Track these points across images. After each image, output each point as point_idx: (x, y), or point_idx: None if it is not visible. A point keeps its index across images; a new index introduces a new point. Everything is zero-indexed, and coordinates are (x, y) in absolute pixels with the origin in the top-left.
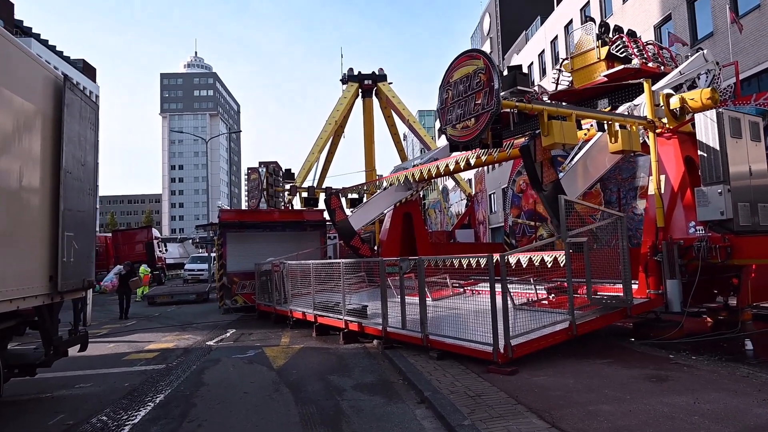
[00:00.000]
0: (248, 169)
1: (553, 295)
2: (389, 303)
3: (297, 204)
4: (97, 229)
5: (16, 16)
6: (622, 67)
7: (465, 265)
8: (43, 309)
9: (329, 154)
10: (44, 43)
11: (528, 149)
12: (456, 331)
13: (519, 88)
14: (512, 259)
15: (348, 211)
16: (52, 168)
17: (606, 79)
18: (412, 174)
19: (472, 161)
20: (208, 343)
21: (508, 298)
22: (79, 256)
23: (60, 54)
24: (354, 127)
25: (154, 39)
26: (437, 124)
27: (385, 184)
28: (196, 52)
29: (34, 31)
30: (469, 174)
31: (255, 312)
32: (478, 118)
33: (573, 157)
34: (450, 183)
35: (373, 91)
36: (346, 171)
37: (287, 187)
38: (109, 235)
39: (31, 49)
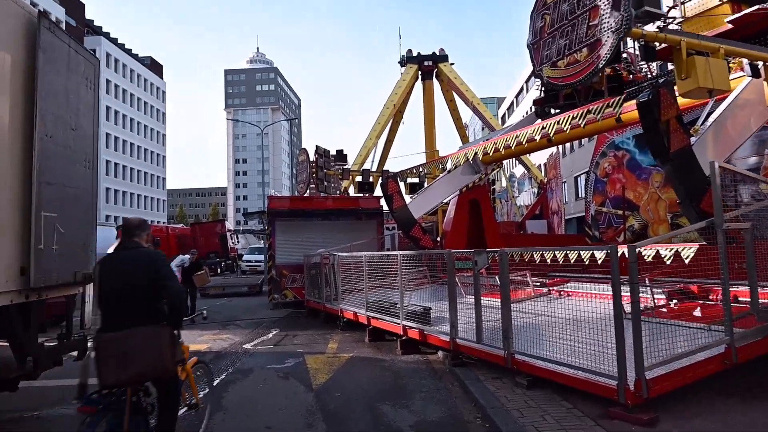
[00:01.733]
0: (299, 150)
1: (675, 301)
2: (458, 305)
3: (351, 191)
4: (165, 221)
5: (87, 16)
6: (755, 8)
7: (560, 259)
8: (11, 310)
9: (387, 140)
10: (114, 41)
11: (649, 105)
12: (552, 350)
13: (647, 9)
14: (647, 252)
15: (407, 198)
16: (25, 131)
17: (732, 26)
18: (483, 148)
19: (566, 127)
20: (245, 346)
21: (623, 307)
22: (67, 243)
23: (129, 52)
24: (413, 112)
25: (218, 36)
26: (499, 113)
27: (449, 164)
28: (257, 48)
29: (104, 30)
30: (541, 158)
31: (305, 308)
32: (594, 46)
33: (707, 117)
34: (518, 170)
35: (434, 73)
36: (405, 153)
37: (339, 170)
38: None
39: (101, 47)
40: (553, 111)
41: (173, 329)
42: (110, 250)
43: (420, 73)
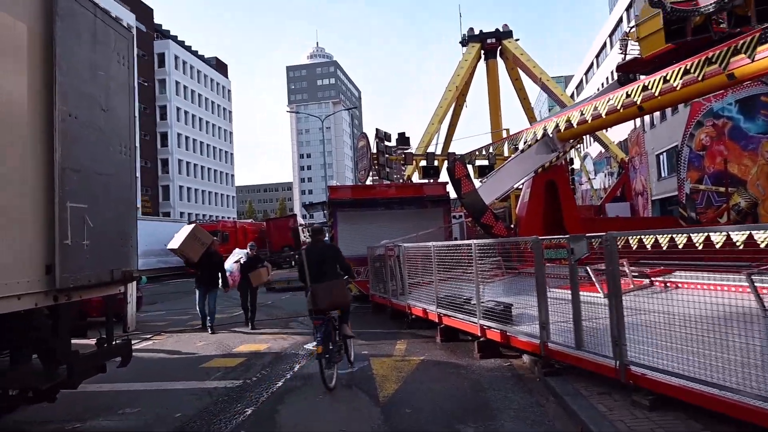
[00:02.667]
0: (359, 135)
1: None
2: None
3: (416, 177)
4: (235, 216)
5: (156, 21)
6: None
7: (664, 245)
8: (37, 314)
9: (450, 125)
10: (181, 44)
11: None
12: (678, 359)
13: None
14: None
15: (477, 182)
16: (46, 111)
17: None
18: (560, 122)
19: (675, 83)
20: (307, 346)
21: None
22: (100, 237)
23: (195, 53)
24: (476, 95)
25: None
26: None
27: (521, 143)
28: (317, 43)
29: (171, 33)
30: (620, 134)
31: (369, 303)
32: None
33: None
34: (593, 149)
35: (497, 51)
36: (470, 134)
37: (401, 155)
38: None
39: (170, 50)
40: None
41: (347, 281)
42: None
43: (483, 52)
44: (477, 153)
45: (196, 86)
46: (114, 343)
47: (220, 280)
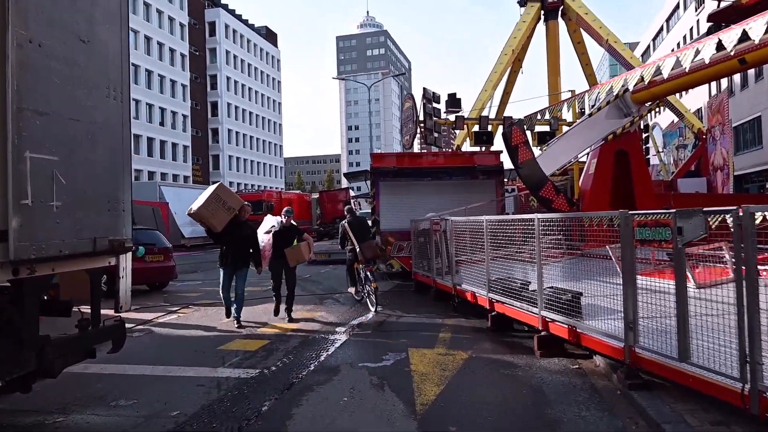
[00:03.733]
0: (405, 96)
1: None
2: (622, 292)
3: (467, 146)
4: (283, 187)
5: None
6: None
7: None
8: None
9: (505, 92)
10: (231, 12)
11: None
12: None
13: None
14: None
15: (536, 150)
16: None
17: None
18: (636, 78)
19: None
20: (338, 329)
21: None
22: (77, 198)
23: (245, 22)
24: (534, 58)
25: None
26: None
27: (588, 104)
28: (367, 12)
29: (222, 2)
30: (695, 101)
31: (412, 281)
32: None
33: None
34: (663, 118)
35: (559, 12)
36: (527, 97)
37: (451, 118)
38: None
39: (220, 19)
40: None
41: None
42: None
43: (542, 12)
44: (538, 117)
45: (246, 56)
46: (102, 324)
47: (251, 259)
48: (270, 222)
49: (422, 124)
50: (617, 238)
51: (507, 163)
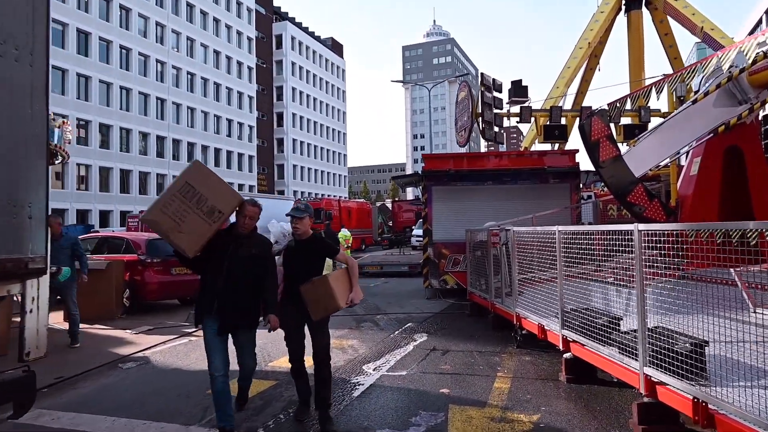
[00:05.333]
0: (459, 84)
1: None
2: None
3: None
4: (346, 196)
5: (275, 4)
6: None
7: None
8: None
9: (579, 92)
10: (298, 25)
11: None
12: None
13: None
14: None
15: (622, 147)
16: None
17: None
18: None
19: None
20: (367, 367)
21: None
22: None
23: (312, 34)
24: (611, 57)
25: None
26: None
27: (694, 87)
28: (434, 21)
29: (289, 15)
30: None
31: (467, 301)
32: None
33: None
34: None
35: (643, 0)
36: (606, 85)
37: (515, 109)
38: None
39: (287, 31)
40: None
41: None
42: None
43: (624, 2)
44: (625, 107)
45: (312, 66)
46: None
47: (263, 306)
48: (274, 230)
49: (480, 117)
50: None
51: (584, 165)
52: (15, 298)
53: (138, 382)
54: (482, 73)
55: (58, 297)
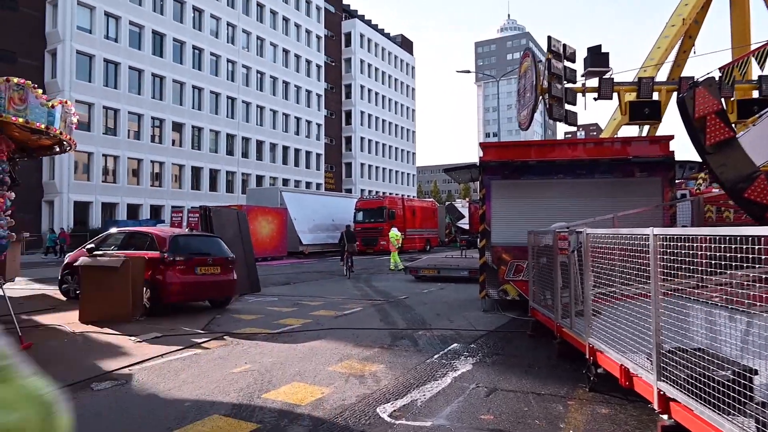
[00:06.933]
0: (522, 53)
1: None
2: None
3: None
4: (415, 195)
5: (344, 1)
6: None
7: None
8: None
9: (672, 73)
10: (367, 23)
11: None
12: None
13: None
14: None
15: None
16: None
17: None
18: None
19: None
20: (382, 409)
21: None
22: None
23: (381, 32)
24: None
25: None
26: None
27: None
28: (508, 15)
29: (359, 13)
30: None
31: (528, 317)
32: None
33: None
34: None
35: None
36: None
37: (593, 82)
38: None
39: (356, 29)
40: None
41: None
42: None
43: None
44: (739, 70)
45: (381, 64)
46: None
47: None
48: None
49: (547, 93)
50: None
51: (681, 154)
52: None
53: (98, 411)
54: (549, 36)
55: None
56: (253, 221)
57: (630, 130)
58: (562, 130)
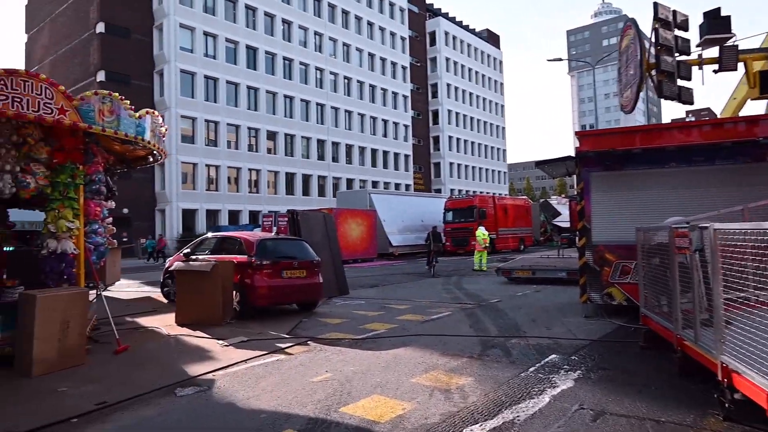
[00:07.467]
0: (624, 24)
1: None
2: None
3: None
4: (506, 193)
5: (427, 0)
6: None
7: None
8: None
9: None
10: (452, 20)
11: None
12: None
13: None
14: None
15: None
16: None
17: None
18: None
19: None
20: (474, 430)
21: None
22: None
23: (466, 28)
24: None
25: None
26: None
27: None
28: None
29: (443, 11)
30: None
31: (639, 325)
32: None
33: None
34: None
35: None
36: None
37: (711, 52)
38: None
39: (440, 27)
40: None
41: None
42: None
43: None
44: None
45: (467, 61)
46: None
47: None
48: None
49: (654, 68)
50: None
51: None
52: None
53: (177, 419)
54: (655, 2)
55: None
56: (343, 224)
57: (754, 108)
58: (667, 117)
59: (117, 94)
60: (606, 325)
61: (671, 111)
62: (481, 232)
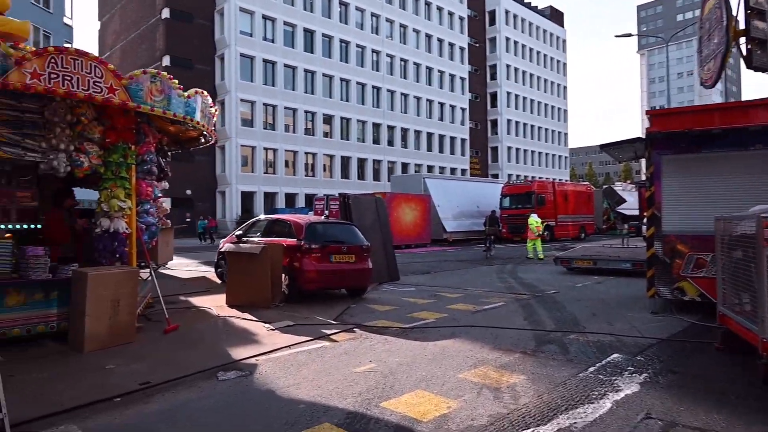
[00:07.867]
0: None
1: None
2: None
3: None
4: (567, 179)
5: None
6: None
7: None
8: None
9: None
10: None
11: None
12: None
13: None
14: None
15: None
16: None
17: None
18: None
19: None
20: None
21: None
22: None
23: (528, 5)
24: None
25: None
26: None
27: None
28: None
29: None
30: None
31: (715, 325)
32: None
33: None
34: None
35: None
36: None
37: None
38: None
39: (500, 6)
40: None
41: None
42: None
43: None
44: None
45: (528, 40)
46: None
47: None
48: None
49: (744, 35)
50: None
51: None
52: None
53: (215, 404)
54: None
55: None
56: (396, 208)
57: None
58: (747, 97)
59: (165, 73)
60: (675, 322)
61: (753, 90)
62: (534, 220)
